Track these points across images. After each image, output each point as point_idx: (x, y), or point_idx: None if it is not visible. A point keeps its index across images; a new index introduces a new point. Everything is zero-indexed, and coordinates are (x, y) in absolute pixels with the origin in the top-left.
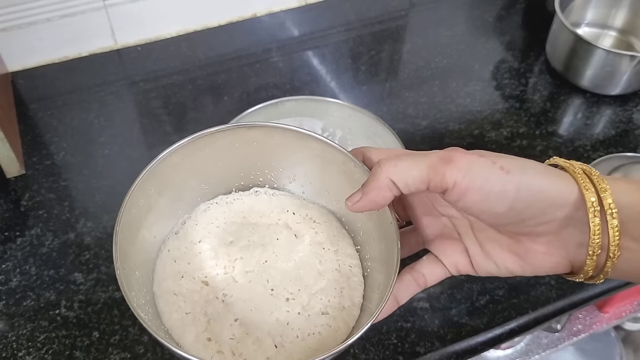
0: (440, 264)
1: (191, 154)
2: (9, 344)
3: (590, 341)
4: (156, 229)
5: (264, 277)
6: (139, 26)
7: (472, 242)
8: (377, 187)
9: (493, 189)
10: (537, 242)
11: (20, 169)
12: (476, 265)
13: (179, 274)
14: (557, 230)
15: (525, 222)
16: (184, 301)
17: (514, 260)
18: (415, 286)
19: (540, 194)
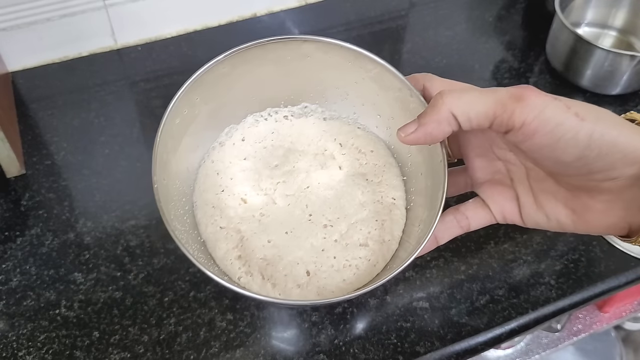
0: (486, 209)
1: (239, 65)
2: (9, 344)
3: (591, 341)
4: (200, 138)
5: (304, 202)
6: (139, 26)
7: (525, 191)
8: (437, 120)
9: (565, 135)
10: (597, 199)
11: (21, 169)
12: (525, 214)
13: (220, 187)
14: (623, 188)
15: (592, 175)
16: (220, 215)
17: (567, 214)
18: (457, 228)
19: (613, 146)
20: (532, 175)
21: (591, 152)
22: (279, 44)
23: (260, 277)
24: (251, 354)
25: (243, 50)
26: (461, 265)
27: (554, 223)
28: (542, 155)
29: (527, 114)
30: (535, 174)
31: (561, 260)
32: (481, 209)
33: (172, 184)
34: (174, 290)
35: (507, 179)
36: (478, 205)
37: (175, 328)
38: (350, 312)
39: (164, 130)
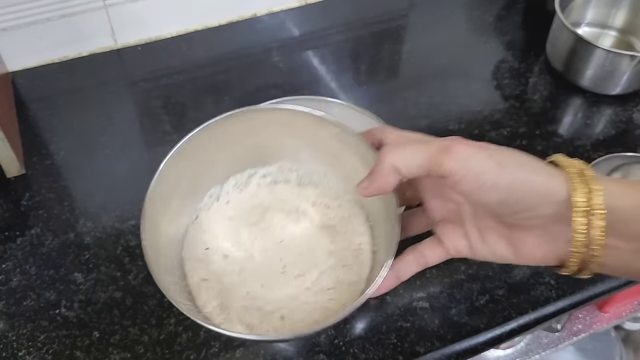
0: (442, 245)
1: (218, 133)
2: (9, 344)
3: (591, 341)
4: (188, 199)
5: (279, 255)
6: (139, 26)
7: (472, 229)
8: (383, 175)
9: (487, 182)
10: (529, 234)
11: (21, 169)
12: (473, 250)
13: (205, 245)
14: (547, 225)
15: (517, 214)
16: (204, 268)
17: (507, 248)
18: (416, 265)
19: (530, 190)
20: (478, 214)
21: (511, 195)
22: (255, 112)
23: (238, 322)
24: (251, 354)
25: (220, 120)
26: (461, 265)
27: (498, 257)
28: (473, 198)
29: (453, 164)
30: (481, 213)
31: None
32: (437, 246)
33: (163, 241)
34: None
35: (458, 217)
36: (434, 243)
37: (175, 328)
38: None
39: (153, 192)
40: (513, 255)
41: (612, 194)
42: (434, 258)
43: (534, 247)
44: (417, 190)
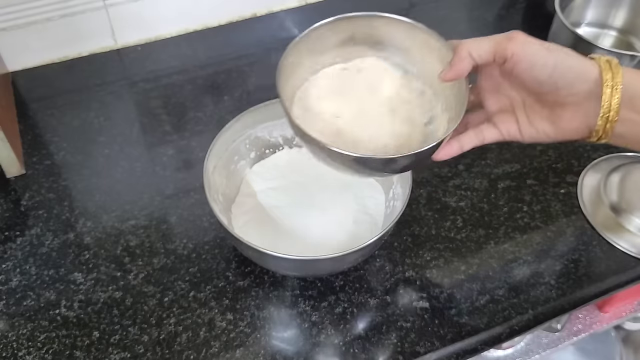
0: (497, 129)
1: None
2: (9, 344)
3: (591, 341)
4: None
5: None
6: (139, 26)
7: (522, 115)
8: (460, 60)
9: (539, 61)
10: (566, 111)
11: (20, 169)
12: (522, 131)
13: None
14: (582, 101)
15: (559, 91)
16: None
17: (549, 126)
18: (475, 139)
19: (570, 69)
20: (526, 104)
21: (555, 72)
22: (361, 18)
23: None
24: (251, 354)
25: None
26: (461, 265)
27: (542, 134)
28: (527, 77)
29: (514, 47)
30: (528, 102)
31: (561, 260)
32: (493, 129)
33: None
34: (173, 290)
35: (511, 108)
36: (491, 126)
37: (175, 328)
38: (350, 312)
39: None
40: (554, 131)
41: (630, 76)
42: (491, 137)
43: (570, 121)
44: (478, 94)
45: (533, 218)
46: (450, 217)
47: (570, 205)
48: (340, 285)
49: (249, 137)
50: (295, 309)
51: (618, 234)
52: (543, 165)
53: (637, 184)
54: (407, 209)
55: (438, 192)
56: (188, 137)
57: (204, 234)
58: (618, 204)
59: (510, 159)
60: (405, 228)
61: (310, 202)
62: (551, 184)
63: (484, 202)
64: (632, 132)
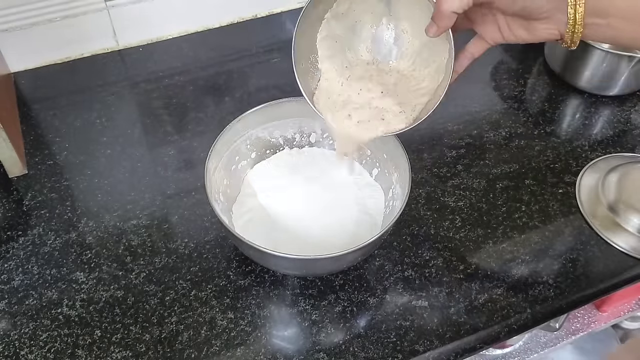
0: (482, 40)
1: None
2: (11, 343)
3: (589, 340)
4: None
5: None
6: (140, 27)
7: (503, 25)
8: (444, 18)
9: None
10: (539, 23)
11: (23, 169)
12: (505, 36)
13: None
14: (552, 15)
15: (532, 13)
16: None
17: (526, 33)
18: (466, 60)
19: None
20: (507, 18)
21: (527, 2)
22: None
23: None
24: (252, 352)
25: None
26: (460, 264)
27: (520, 39)
28: (504, 8)
29: None
30: (509, 17)
31: (559, 260)
32: (479, 42)
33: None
34: (175, 289)
35: (494, 19)
36: (476, 40)
37: (177, 327)
38: (350, 311)
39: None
40: (530, 37)
41: None
42: (478, 50)
43: (544, 30)
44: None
45: (531, 218)
46: (449, 216)
47: (568, 205)
48: (340, 284)
49: (250, 138)
50: (296, 307)
51: (616, 233)
52: (541, 166)
53: (635, 184)
54: (406, 209)
55: (437, 192)
56: (189, 137)
57: (205, 233)
58: (616, 203)
59: (509, 159)
60: (405, 227)
61: (310, 202)
62: (549, 184)
63: (483, 202)
64: (597, 34)
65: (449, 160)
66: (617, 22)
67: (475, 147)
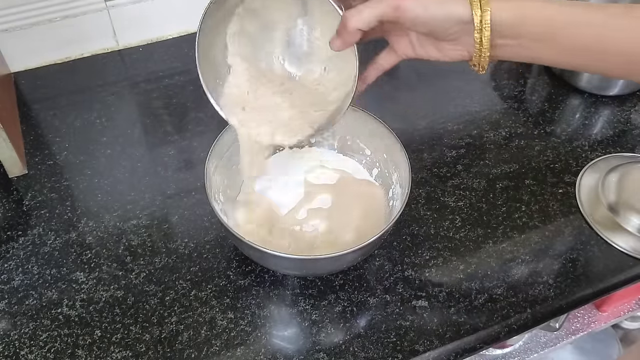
0: (394, 52)
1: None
2: (11, 343)
3: (589, 340)
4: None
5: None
6: (140, 27)
7: (414, 39)
8: (349, 34)
9: (418, 19)
10: (448, 44)
11: (23, 169)
12: (416, 51)
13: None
14: (459, 37)
15: (440, 34)
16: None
17: (436, 52)
18: (375, 72)
19: (446, 18)
20: (418, 34)
21: (434, 25)
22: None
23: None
24: (252, 352)
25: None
26: (460, 264)
27: (432, 57)
28: (411, 30)
29: (399, 14)
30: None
31: (559, 260)
32: (390, 54)
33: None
34: (175, 289)
35: (405, 34)
36: (387, 52)
37: (177, 327)
38: (349, 311)
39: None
40: (441, 56)
41: (498, 9)
42: (388, 62)
43: (453, 50)
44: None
45: (531, 218)
46: (449, 216)
47: (568, 205)
48: (340, 284)
49: None
50: (296, 307)
51: (616, 233)
52: (541, 166)
53: (635, 183)
54: (406, 209)
55: (437, 192)
56: (189, 137)
57: (205, 233)
58: (616, 203)
59: (509, 159)
60: (405, 227)
61: (310, 202)
62: (549, 184)
63: (483, 202)
64: (507, 53)
65: (449, 160)
66: (529, 43)
67: (475, 147)
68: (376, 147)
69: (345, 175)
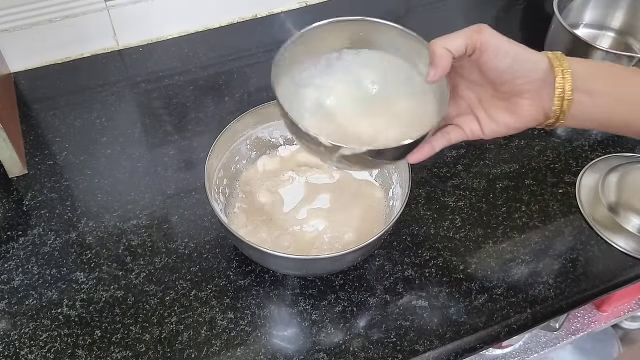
0: (461, 130)
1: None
2: (11, 343)
3: (589, 340)
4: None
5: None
6: (140, 27)
7: (480, 112)
8: (440, 57)
9: (501, 51)
10: (523, 98)
11: (23, 169)
12: (484, 127)
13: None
14: (537, 88)
15: (516, 80)
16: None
17: (508, 116)
18: (443, 140)
19: (527, 60)
20: (483, 100)
21: (515, 62)
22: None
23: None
24: (252, 352)
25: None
26: (460, 264)
27: (502, 126)
28: (490, 66)
29: (482, 38)
30: (485, 98)
31: (559, 260)
32: (457, 129)
33: None
34: (175, 289)
35: (469, 109)
36: (455, 127)
37: (177, 327)
38: (349, 311)
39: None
40: (513, 120)
41: (575, 63)
42: (456, 138)
43: (528, 108)
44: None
45: (531, 218)
46: (449, 216)
47: (568, 205)
48: (340, 284)
49: (250, 138)
50: (296, 307)
51: (616, 233)
52: (541, 166)
53: (634, 183)
54: (406, 209)
55: (437, 191)
56: (189, 137)
57: (205, 233)
58: (616, 203)
59: (509, 159)
60: (405, 227)
61: (310, 202)
62: (549, 184)
63: (483, 202)
64: (580, 111)
65: (449, 160)
66: (602, 100)
67: (475, 147)
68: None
69: (345, 175)
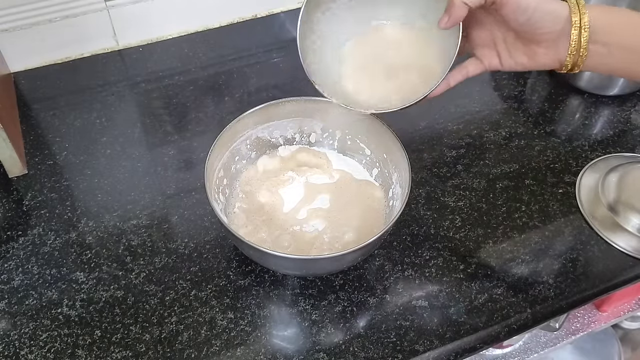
0: (480, 63)
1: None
2: (11, 343)
3: (589, 340)
4: None
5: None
6: (140, 27)
7: (502, 49)
8: (456, 7)
9: (522, 4)
10: (541, 47)
11: (23, 169)
12: (503, 62)
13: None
14: (555, 38)
15: (536, 30)
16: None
17: (526, 59)
18: (459, 75)
19: (547, 12)
20: (507, 40)
21: (535, 15)
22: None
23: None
24: (252, 352)
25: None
26: (460, 264)
27: (519, 66)
28: (510, 18)
29: None
30: (509, 39)
31: (559, 260)
32: (476, 62)
33: None
34: (175, 289)
35: (492, 43)
36: (474, 61)
37: (177, 327)
38: (349, 311)
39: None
40: (529, 63)
41: (594, 14)
42: (474, 71)
43: (544, 55)
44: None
45: (531, 218)
46: (449, 216)
47: (568, 205)
48: (340, 284)
49: (250, 138)
50: (296, 307)
51: (616, 233)
52: (541, 166)
53: (634, 183)
54: (406, 209)
55: (437, 191)
56: (189, 137)
57: (205, 233)
58: (616, 203)
59: (509, 159)
60: (405, 227)
61: (310, 202)
62: (549, 184)
63: (483, 202)
64: (595, 62)
65: (449, 160)
66: (618, 52)
67: (475, 147)
68: (376, 147)
69: (345, 175)
